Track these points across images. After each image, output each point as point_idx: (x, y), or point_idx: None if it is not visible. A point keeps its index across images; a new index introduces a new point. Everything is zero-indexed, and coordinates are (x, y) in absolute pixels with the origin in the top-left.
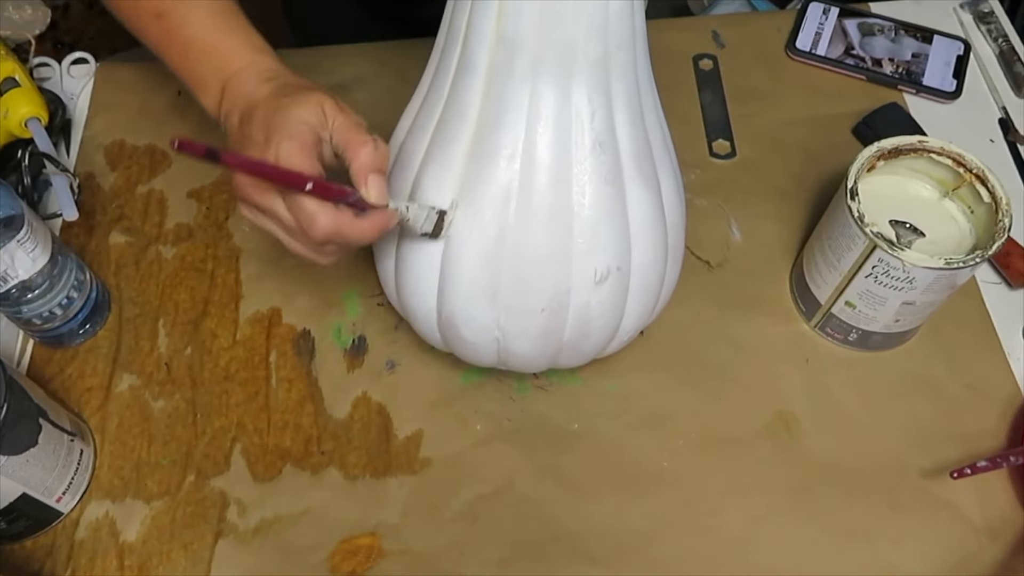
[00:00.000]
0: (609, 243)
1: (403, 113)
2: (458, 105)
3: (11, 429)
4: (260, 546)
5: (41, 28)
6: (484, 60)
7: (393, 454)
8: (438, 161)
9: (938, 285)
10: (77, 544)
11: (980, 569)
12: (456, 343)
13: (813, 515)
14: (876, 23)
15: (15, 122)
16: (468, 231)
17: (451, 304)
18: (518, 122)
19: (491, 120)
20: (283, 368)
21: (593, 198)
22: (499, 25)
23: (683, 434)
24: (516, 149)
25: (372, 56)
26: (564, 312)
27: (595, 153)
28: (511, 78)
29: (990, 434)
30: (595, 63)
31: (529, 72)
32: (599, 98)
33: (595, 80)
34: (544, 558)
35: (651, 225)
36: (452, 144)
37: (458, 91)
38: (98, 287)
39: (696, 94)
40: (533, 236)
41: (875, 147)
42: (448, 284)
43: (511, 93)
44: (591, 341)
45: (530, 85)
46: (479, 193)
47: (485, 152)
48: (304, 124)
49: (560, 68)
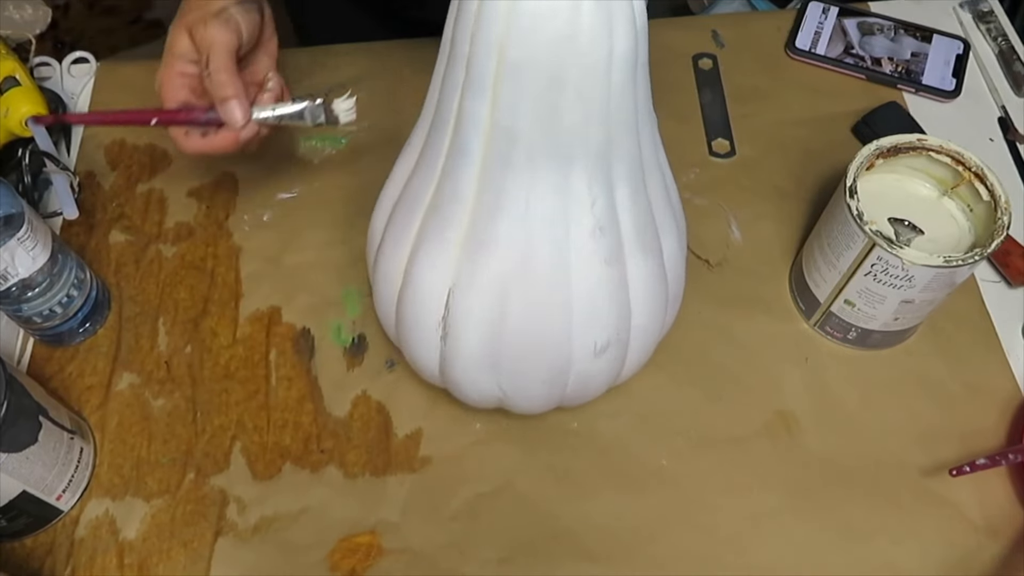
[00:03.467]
0: (609, 319)
1: (392, 171)
2: (452, 189)
3: (11, 426)
4: (260, 544)
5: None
6: (478, 148)
7: (393, 453)
8: (434, 243)
9: (937, 283)
10: (77, 542)
11: (979, 567)
12: (458, 394)
13: (812, 513)
14: (875, 22)
15: (15, 121)
16: (467, 314)
17: (452, 371)
18: (516, 211)
19: (488, 208)
20: (283, 367)
21: (593, 279)
22: (493, 114)
23: (682, 433)
24: (514, 237)
25: (372, 56)
26: (565, 378)
27: (595, 237)
28: (508, 168)
29: (989, 432)
30: (596, 151)
31: (526, 162)
32: (599, 185)
33: (596, 166)
34: (543, 556)
35: (652, 292)
36: (447, 229)
37: (451, 174)
38: (98, 286)
39: (696, 93)
40: (532, 320)
41: (874, 145)
42: (449, 355)
43: (508, 183)
44: (593, 391)
45: (528, 175)
46: (477, 278)
47: (483, 240)
48: (171, 55)
49: (559, 157)
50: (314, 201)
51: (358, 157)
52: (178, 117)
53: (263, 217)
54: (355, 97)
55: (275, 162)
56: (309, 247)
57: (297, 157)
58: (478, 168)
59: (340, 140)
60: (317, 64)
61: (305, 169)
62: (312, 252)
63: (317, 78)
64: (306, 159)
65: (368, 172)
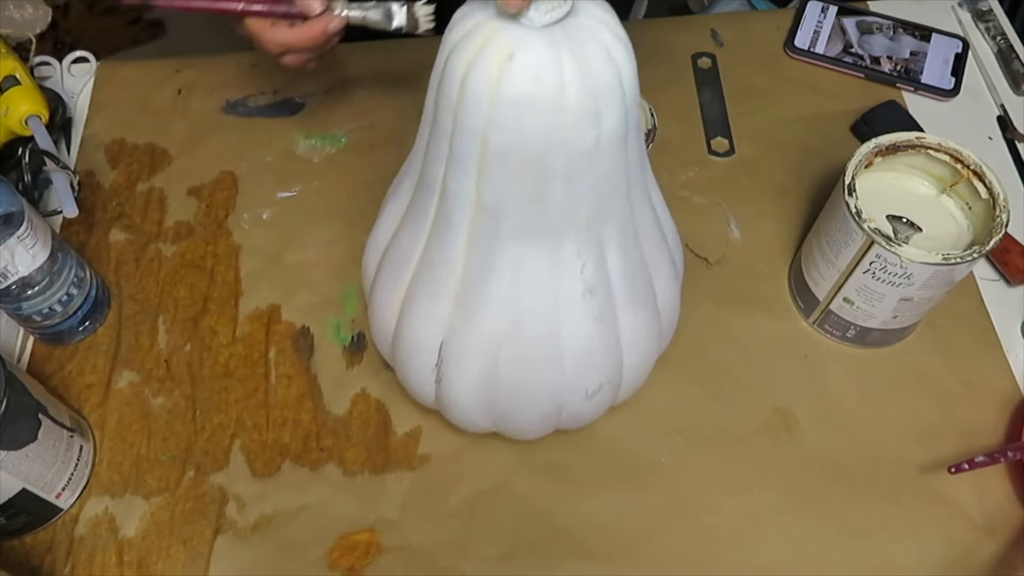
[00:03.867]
0: (601, 368)
1: (382, 208)
2: (440, 253)
3: (11, 424)
4: (259, 542)
5: (42, 27)
6: (464, 220)
7: (392, 450)
8: (425, 298)
9: (936, 281)
10: (76, 540)
11: (978, 564)
12: (453, 421)
13: (811, 511)
14: (875, 21)
15: (16, 120)
16: (459, 370)
17: (447, 408)
18: (504, 279)
19: (476, 273)
20: (282, 365)
21: (584, 336)
22: (479, 193)
23: (681, 431)
24: (504, 300)
25: (372, 56)
26: (557, 418)
27: (585, 300)
28: (496, 239)
29: (988, 430)
30: (585, 224)
31: (513, 236)
32: (589, 251)
33: (584, 237)
34: (542, 554)
35: (645, 337)
36: (438, 286)
37: (438, 239)
38: (98, 284)
39: (695, 92)
40: (524, 376)
41: (873, 143)
42: (443, 395)
43: (496, 253)
44: (587, 421)
45: (516, 245)
46: (469, 338)
47: (473, 303)
48: None
49: (547, 231)
50: (314, 200)
51: (358, 156)
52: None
53: (263, 216)
54: (434, 5)
55: (275, 161)
56: (309, 246)
57: (297, 155)
58: (465, 238)
59: (340, 139)
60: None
61: (305, 167)
62: (312, 251)
63: (317, 76)
64: (306, 157)
65: (368, 171)
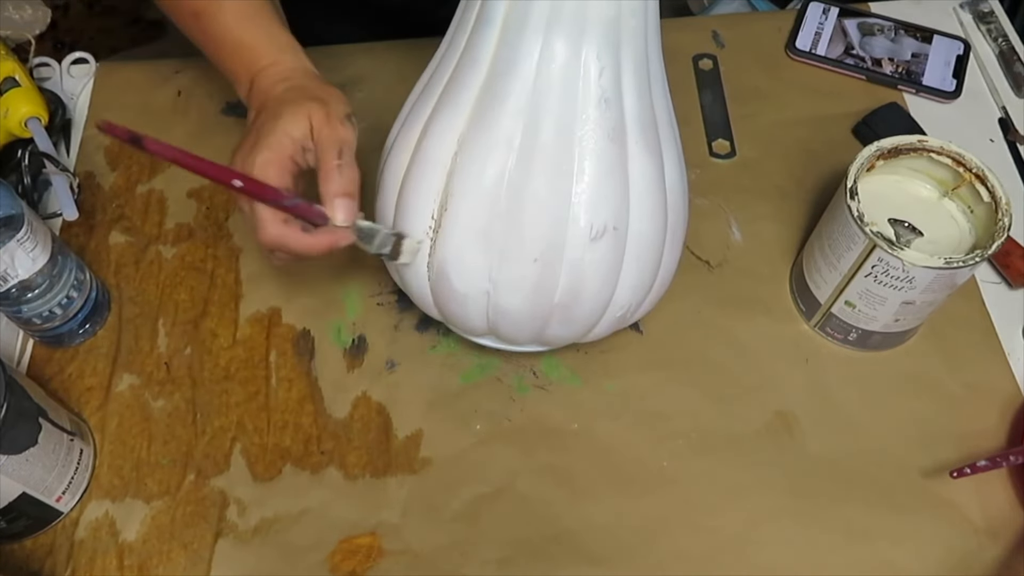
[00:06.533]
0: (607, 200)
1: (418, 80)
2: (472, 56)
3: (11, 428)
4: (260, 545)
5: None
6: (500, 13)
7: (393, 454)
8: (447, 107)
9: (937, 285)
10: (77, 544)
11: (980, 568)
12: (447, 299)
13: (813, 515)
14: (876, 23)
15: (15, 122)
16: (469, 172)
17: (444, 249)
18: (527, 71)
19: (501, 68)
20: (283, 368)
21: (595, 152)
22: None
23: (683, 434)
24: (523, 96)
25: (372, 56)
26: (557, 266)
27: (600, 109)
28: (524, 30)
29: (990, 434)
30: (607, 22)
31: (542, 26)
32: (608, 57)
33: (606, 40)
34: (544, 558)
35: (651, 192)
36: (462, 91)
37: (473, 43)
38: (98, 287)
39: (696, 94)
40: (532, 181)
41: (875, 147)
42: (445, 229)
43: (523, 44)
44: (583, 308)
45: (542, 38)
46: (483, 136)
47: (493, 98)
48: (287, 137)
49: (572, 24)
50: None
51: (358, 158)
52: (266, 192)
53: None
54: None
55: None
56: None
57: None
58: (497, 33)
59: None
60: (317, 64)
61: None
62: None
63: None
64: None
65: (368, 173)
